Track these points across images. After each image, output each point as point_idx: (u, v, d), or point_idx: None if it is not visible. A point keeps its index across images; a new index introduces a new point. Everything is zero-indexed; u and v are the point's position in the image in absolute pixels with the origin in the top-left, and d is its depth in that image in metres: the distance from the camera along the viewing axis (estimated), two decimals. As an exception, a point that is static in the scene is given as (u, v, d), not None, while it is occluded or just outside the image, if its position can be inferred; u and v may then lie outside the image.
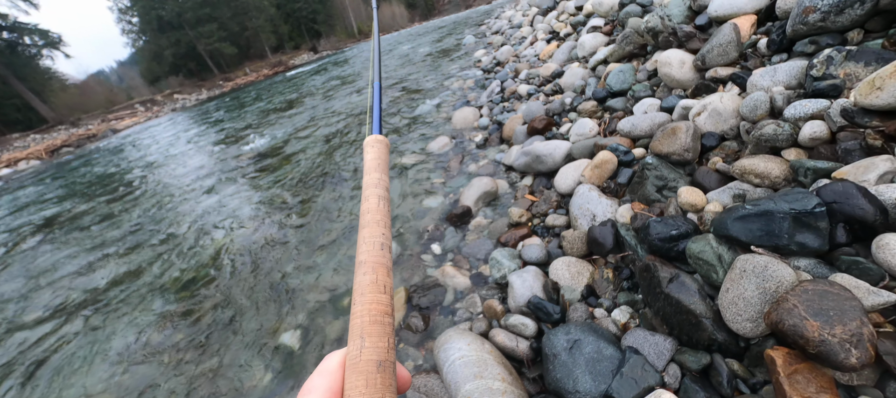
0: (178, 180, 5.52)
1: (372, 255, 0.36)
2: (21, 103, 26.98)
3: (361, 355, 0.29)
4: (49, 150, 15.47)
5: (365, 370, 0.28)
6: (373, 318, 0.31)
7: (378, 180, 0.44)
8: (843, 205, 0.99)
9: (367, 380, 0.28)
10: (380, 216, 0.40)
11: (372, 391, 0.27)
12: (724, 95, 1.69)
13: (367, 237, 0.37)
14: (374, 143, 0.48)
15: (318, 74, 14.47)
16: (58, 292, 3.12)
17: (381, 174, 0.45)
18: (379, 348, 0.29)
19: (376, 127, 0.52)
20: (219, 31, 36.22)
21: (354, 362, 0.29)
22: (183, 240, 3.42)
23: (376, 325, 0.31)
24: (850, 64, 1.34)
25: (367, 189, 0.43)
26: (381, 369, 0.28)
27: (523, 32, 6.32)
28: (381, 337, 0.30)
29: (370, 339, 0.30)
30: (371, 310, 0.31)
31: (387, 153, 0.49)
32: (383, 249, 0.37)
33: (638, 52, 2.75)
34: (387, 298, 0.33)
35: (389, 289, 0.34)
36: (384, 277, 0.34)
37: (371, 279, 0.34)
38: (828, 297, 0.89)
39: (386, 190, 0.43)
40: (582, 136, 2.43)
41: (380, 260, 0.35)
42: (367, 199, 0.42)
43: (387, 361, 0.29)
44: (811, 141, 1.27)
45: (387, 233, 0.39)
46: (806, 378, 0.88)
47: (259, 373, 1.84)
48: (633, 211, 1.67)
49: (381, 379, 0.28)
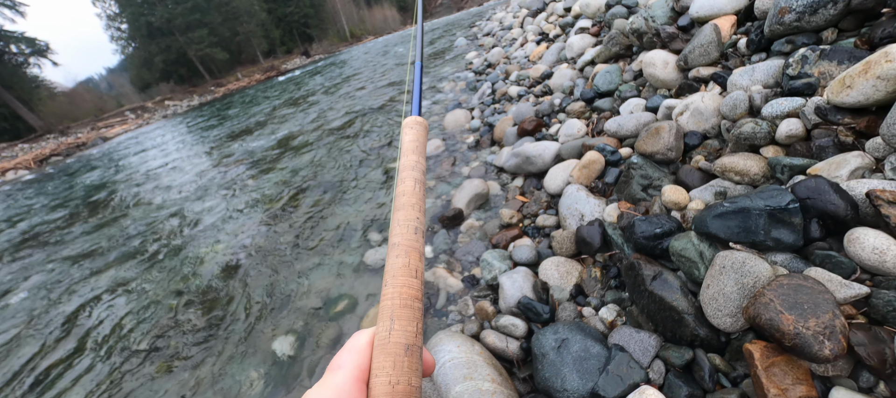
0: (168, 188, 5.47)
1: (406, 238, 0.35)
2: (8, 112, 26.55)
3: (390, 337, 0.29)
4: (38, 160, 15.24)
5: (393, 352, 0.28)
6: (403, 302, 0.31)
7: (415, 163, 0.43)
8: (816, 200, 1.02)
9: (395, 361, 0.28)
10: (415, 199, 0.39)
11: (399, 373, 0.28)
12: (705, 95, 1.73)
13: (401, 220, 0.37)
14: (413, 125, 0.47)
15: (311, 77, 14.43)
16: (47, 303, 3.08)
17: (418, 157, 0.44)
18: (408, 332, 0.30)
19: (416, 108, 0.51)
20: (209, 37, 35.96)
21: (383, 343, 0.29)
22: (173, 249, 3.40)
23: (406, 309, 0.31)
24: (824, 62, 1.37)
25: (404, 171, 0.42)
26: (408, 352, 0.29)
27: (514, 34, 6.37)
28: (411, 321, 0.31)
29: (399, 322, 0.30)
30: (401, 294, 0.32)
31: (425, 135, 0.48)
32: (417, 233, 0.36)
33: (624, 52, 2.79)
34: (418, 283, 0.33)
35: (421, 274, 0.34)
36: (416, 261, 0.34)
37: (404, 262, 0.34)
38: (802, 291, 0.92)
39: (422, 173, 0.43)
40: (570, 137, 2.46)
41: (413, 244, 0.35)
42: (403, 182, 0.41)
43: (415, 345, 0.30)
44: (788, 138, 1.30)
45: (421, 218, 0.38)
46: (783, 370, 0.91)
47: (253, 380, 1.84)
48: (619, 210, 1.69)
49: (408, 362, 0.28)
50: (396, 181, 0.42)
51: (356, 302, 2.12)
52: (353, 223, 2.90)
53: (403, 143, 0.46)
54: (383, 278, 0.34)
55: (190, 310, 2.46)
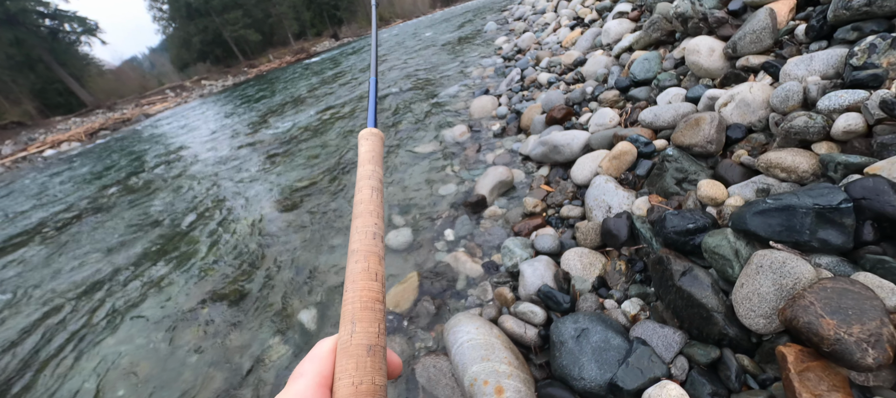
0: (204, 162, 5.77)
1: (364, 244, 0.36)
2: (62, 88, 28.57)
3: (352, 340, 0.30)
4: (88, 133, 16.40)
5: (355, 353, 0.29)
6: (364, 305, 0.32)
7: (372, 172, 0.45)
8: (873, 201, 0.94)
9: (357, 362, 0.28)
10: (373, 206, 0.41)
11: (361, 373, 0.28)
12: (754, 85, 1.62)
13: (359, 226, 0.39)
14: (369, 136, 0.50)
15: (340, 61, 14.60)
16: (97, 265, 3.37)
17: (374, 166, 0.46)
18: (369, 333, 0.30)
19: (372, 120, 0.53)
20: (244, 18, 36.94)
21: (345, 346, 0.30)
22: (208, 222, 3.60)
23: (367, 311, 0.32)
24: (895, 52, 1.25)
25: (361, 180, 0.44)
26: (371, 353, 0.29)
27: (546, 18, 6.15)
28: (372, 322, 0.31)
29: (361, 325, 0.31)
30: (362, 297, 0.32)
31: (381, 146, 0.50)
32: (375, 239, 0.38)
33: (665, 39, 2.64)
34: (378, 286, 0.34)
35: (381, 277, 0.35)
36: (375, 265, 0.35)
37: (363, 267, 0.34)
38: (847, 296, 0.87)
39: (379, 181, 0.45)
40: (602, 126, 2.38)
41: (372, 248, 0.36)
42: (360, 191, 0.43)
43: (377, 345, 0.30)
44: (845, 134, 1.20)
45: (379, 223, 0.40)
46: (818, 376, 0.87)
47: (279, 346, 1.95)
48: (650, 203, 1.64)
49: (371, 362, 0.29)
50: (355, 189, 0.44)
51: (378, 280, 2.18)
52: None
53: (360, 154, 0.48)
54: (344, 285, 0.35)
55: (223, 280, 2.62)
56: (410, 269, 2.18)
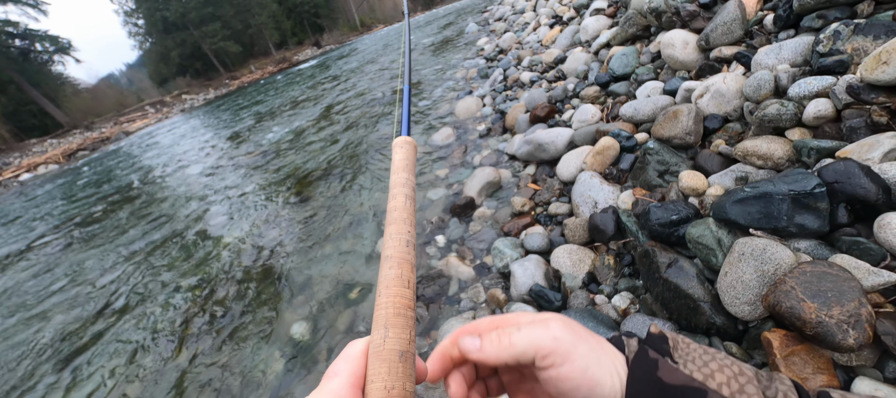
0: (188, 178, 5.64)
1: (398, 251, 0.37)
2: (36, 109, 27.68)
3: (385, 344, 0.31)
4: (66, 154, 15.91)
5: (388, 358, 0.30)
6: (397, 311, 0.33)
7: (405, 180, 0.45)
8: (845, 184, 0.97)
9: (390, 367, 0.29)
10: (406, 214, 0.41)
11: (393, 378, 0.29)
12: (727, 76, 1.65)
13: (393, 233, 0.39)
14: (403, 145, 0.50)
15: (321, 69, 14.48)
16: (78, 286, 3.26)
17: (408, 174, 0.46)
18: (401, 339, 0.31)
19: (405, 129, 0.54)
20: (222, 30, 36.38)
21: (378, 350, 0.30)
22: (194, 237, 3.52)
23: (400, 318, 0.32)
24: (857, 38, 1.29)
25: (395, 187, 0.44)
26: (402, 359, 0.30)
27: (526, 18, 6.21)
28: (404, 329, 0.32)
29: (394, 330, 0.31)
30: (395, 303, 0.33)
31: (414, 154, 0.51)
32: (408, 246, 0.38)
33: (641, 34, 2.69)
34: (410, 293, 0.35)
35: (412, 284, 0.36)
36: (408, 273, 0.36)
37: (396, 274, 0.35)
38: (826, 279, 0.89)
39: (412, 189, 0.45)
40: (584, 123, 2.40)
41: (405, 256, 0.37)
42: (394, 198, 0.43)
43: (408, 352, 0.31)
44: (816, 120, 1.24)
45: (412, 231, 0.40)
46: (803, 359, 0.89)
47: (272, 362, 1.91)
48: (634, 197, 1.66)
49: (403, 368, 0.30)
50: (389, 196, 0.44)
51: (370, 289, 2.16)
52: (366, 212, 2.93)
53: (394, 162, 0.48)
54: (377, 289, 0.35)
55: (210, 296, 2.55)
56: (402, 276, 2.16)
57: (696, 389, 0.30)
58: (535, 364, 0.33)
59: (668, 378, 0.31)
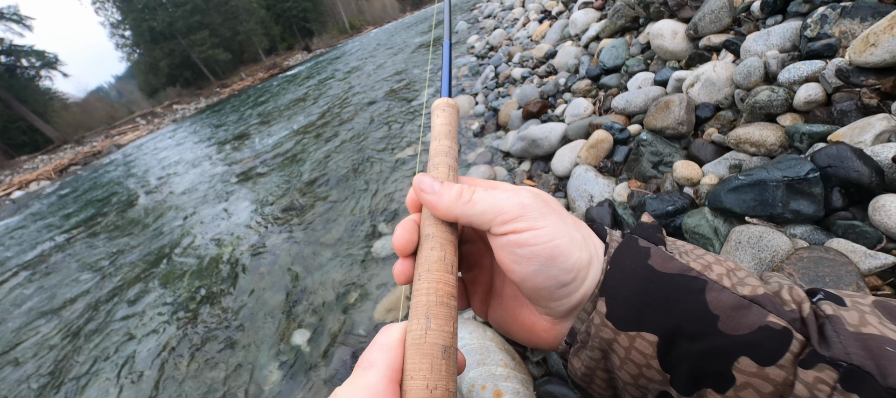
0: (183, 189, 5.59)
1: (440, 230, 0.32)
2: (25, 126, 27.36)
3: (426, 337, 0.27)
4: (57, 170, 15.73)
5: (430, 353, 0.26)
6: (440, 299, 0.29)
7: (448, 149, 0.40)
8: (838, 168, 0.97)
9: (432, 364, 0.26)
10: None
11: (436, 377, 0.26)
12: (717, 64, 1.65)
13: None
14: (445, 107, 0.44)
15: (313, 73, 14.41)
16: (77, 301, 3.21)
17: (451, 142, 0.41)
18: (445, 333, 0.28)
19: (446, 89, 0.47)
20: (211, 38, 36.11)
21: (418, 342, 0.27)
22: (192, 246, 3.49)
23: (443, 307, 0.29)
24: (845, 21, 1.29)
25: (436, 156, 0.39)
26: (445, 355, 0.27)
27: (515, 14, 6.20)
28: (447, 321, 0.28)
29: (436, 321, 0.28)
30: (437, 290, 0.29)
31: (457, 119, 0.44)
32: (453, 225, 0.33)
33: (630, 25, 2.69)
34: (454, 279, 0.31)
35: (455, 269, 0.31)
36: (451, 256, 0.32)
37: (439, 256, 0.31)
38: (823, 264, 0.89)
39: (455, 160, 0.40)
40: (577, 117, 2.40)
41: (448, 236, 0.32)
42: (436, 168, 0.38)
43: (451, 348, 0.28)
44: (806, 105, 1.24)
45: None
46: (803, 345, 0.88)
47: (274, 371, 1.89)
48: (629, 189, 1.66)
49: (446, 365, 0.26)
50: (428, 167, 0.39)
51: (368, 293, 2.14)
52: (363, 215, 2.91)
53: (435, 127, 0.42)
54: (415, 271, 0.31)
55: (207, 305, 2.53)
56: (400, 279, 2.15)
57: (694, 278, 0.26)
58: (491, 230, 0.29)
59: (660, 266, 0.27)
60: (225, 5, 36.30)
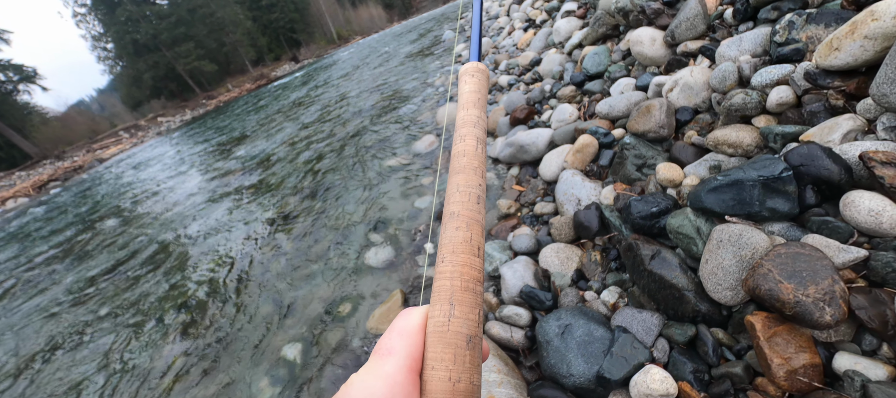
0: (167, 205, 5.47)
1: (467, 208, 0.30)
2: (2, 142, 26.50)
3: (450, 325, 0.25)
4: (36, 187, 15.23)
5: (453, 342, 0.24)
6: (464, 284, 0.27)
7: (476, 118, 0.36)
8: (810, 167, 1.01)
9: (455, 354, 0.24)
10: (477, 162, 0.33)
11: (460, 368, 0.24)
12: (694, 69, 1.71)
13: (461, 185, 0.31)
14: (474, 72, 0.40)
15: (301, 84, 14.35)
16: (58, 323, 3.09)
17: (480, 111, 0.37)
18: (469, 321, 0.26)
19: (475, 53, 0.43)
20: (196, 50, 35.71)
21: (441, 330, 0.25)
22: (179, 264, 3.40)
23: (468, 293, 0.27)
24: (811, 26, 1.36)
25: (463, 127, 0.35)
26: (470, 345, 0.25)
27: (500, 22, 6.31)
28: (473, 308, 0.26)
29: (460, 308, 0.26)
30: (462, 275, 0.27)
31: (487, 86, 0.40)
32: (480, 203, 0.31)
33: (611, 33, 2.76)
34: (480, 263, 0.29)
35: (482, 253, 0.29)
36: (478, 237, 0.29)
37: (465, 236, 0.28)
38: (800, 259, 0.92)
39: (484, 131, 0.36)
40: (563, 122, 2.44)
41: (475, 215, 0.30)
42: (463, 139, 0.34)
43: (476, 337, 0.25)
44: (778, 106, 1.29)
45: (483, 185, 0.33)
46: (785, 340, 0.91)
47: (265, 387, 1.85)
48: (615, 192, 1.69)
49: (470, 356, 0.24)
50: (454, 138, 0.35)
51: (359, 303, 2.12)
52: (352, 225, 2.90)
53: (462, 94, 0.39)
54: (438, 252, 0.29)
55: (197, 324, 2.46)
56: (394, 287, 2.14)
57: None
58: None
59: None
60: (210, 17, 36.03)
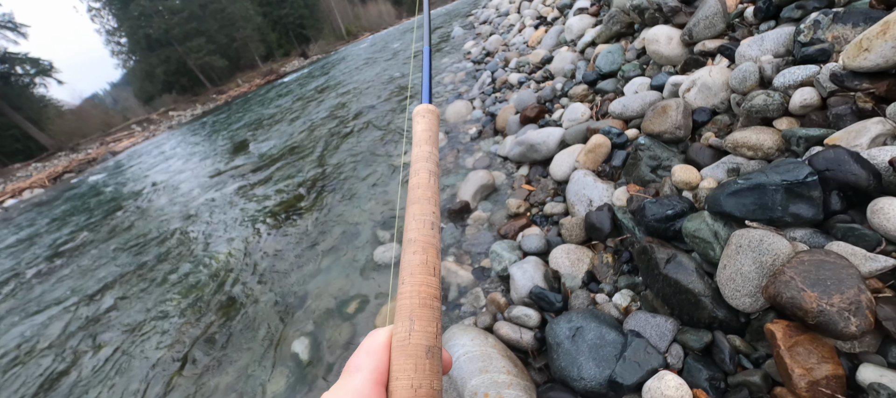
0: (178, 198, 5.55)
1: (422, 234, 0.34)
2: (19, 133, 27.12)
3: (411, 338, 0.28)
4: (51, 178, 15.57)
5: (414, 354, 0.27)
6: (422, 301, 0.30)
7: (428, 154, 0.41)
8: (836, 171, 0.98)
9: (416, 364, 0.27)
10: (430, 192, 0.37)
11: (420, 376, 0.27)
12: (712, 69, 1.67)
13: (417, 214, 0.35)
14: (425, 113, 0.45)
15: (310, 79, 14.42)
16: (72, 315, 3.16)
17: (431, 147, 0.42)
18: (428, 333, 0.29)
19: (426, 96, 0.49)
20: (207, 45, 36.07)
21: (403, 344, 0.28)
22: (190, 257, 3.45)
23: (426, 309, 0.30)
24: (838, 26, 1.31)
25: (418, 162, 0.40)
26: (429, 355, 0.28)
27: (511, 20, 6.26)
28: (430, 321, 0.29)
29: (419, 323, 0.29)
30: (420, 293, 0.30)
31: (437, 124, 0.46)
32: (433, 229, 0.35)
33: (625, 31, 2.72)
34: (436, 281, 0.32)
35: (438, 272, 0.33)
36: (433, 259, 0.33)
37: (421, 259, 0.32)
38: (824, 267, 0.89)
39: (436, 164, 0.41)
40: (574, 122, 2.41)
41: (430, 240, 0.34)
42: (417, 173, 0.39)
43: (435, 347, 0.29)
44: (802, 109, 1.25)
45: (436, 212, 0.36)
46: (807, 349, 0.89)
47: (274, 382, 1.87)
48: (628, 193, 1.66)
49: (430, 364, 0.27)
50: (410, 172, 0.40)
51: (368, 300, 2.13)
52: (361, 221, 2.90)
53: (415, 133, 0.44)
54: (400, 275, 0.32)
55: (207, 317, 2.50)
56: (400, 285, 2.13)
57: None
58: None
59: None
60: (221, 12, 36.36)
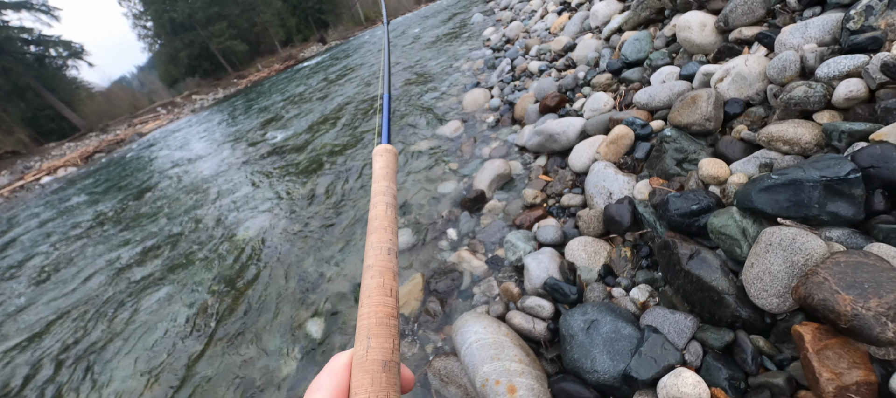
0: (202, 178, 5.73)
1: (379, 260, 0.37)
2: (54, 114, 28.41)
3: (368, 355, 0.30)
4: (84, 157, 16.33)
5: (371, 369, 0.29)
6: (379, 320, 0.32)
7: (386, 188, 0.46)
8: (882, 169, 0.92)
9: (373, 379, 0.29)
10: (387, 222, 0.42)
11: (377, 389, 0.28)
12: (749, 58, 1.58)
13: (375, 242, 0.39)
14: (383, 153, 0.51)
15: (329, 64, 14.49)
16: (99, 288, 3.35)
17: (389, 182, 0.47)
18: (384, 349, 0.31)
19: (385, 137, 0.55)
20: (229, 30, 36.62)
21: (361, 362, 0.30)
22: (211, 237, 3.58)
23: (382, 327, 0.32)
24: (892, 13, 1.22)
25: (376, 196, 0.45)
26: (386, 369, 0.30)
27: (533, 5, 6.08)
28: (387, 338, 0.31)
29: (376, 340, 0.31)
30: (377, 313, 0.33)
31: (395, 162, 0.51)
32: (390, 254, 0.38)
33: (655, 17, 2.60)
34: (393, 301, 0.34)
35: (395, 293, 0.35)
36: (390, 281, 0.36)
37: (378, 283, 0.35)
38: (862, 269, 0.84)
39: (393, 197, 0.46)
40: (596, 112, 2.34)
41: (386, 264, 0.37)
42: (375, 206, 0.44)
43: (392, 361, 0.30)
44: (846, 101, 1.17)
45: (394, 239, 0.40)
46: (837, 353, 0.85)
47: (288, 360, 1.94)
48: (651, 186, 1.61)
49: (386, 378, 0.29)
50: (370, 205, 0.45)
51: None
52: (376, 208, 2.93)
53: (375, 171, 0.49)
54: (359, 300, 0.35)
55: (227, 295, 2.60)
56: (415, 270, 2.16)
57: None
58: None
59: None
60: (242, -3, 36.74)
